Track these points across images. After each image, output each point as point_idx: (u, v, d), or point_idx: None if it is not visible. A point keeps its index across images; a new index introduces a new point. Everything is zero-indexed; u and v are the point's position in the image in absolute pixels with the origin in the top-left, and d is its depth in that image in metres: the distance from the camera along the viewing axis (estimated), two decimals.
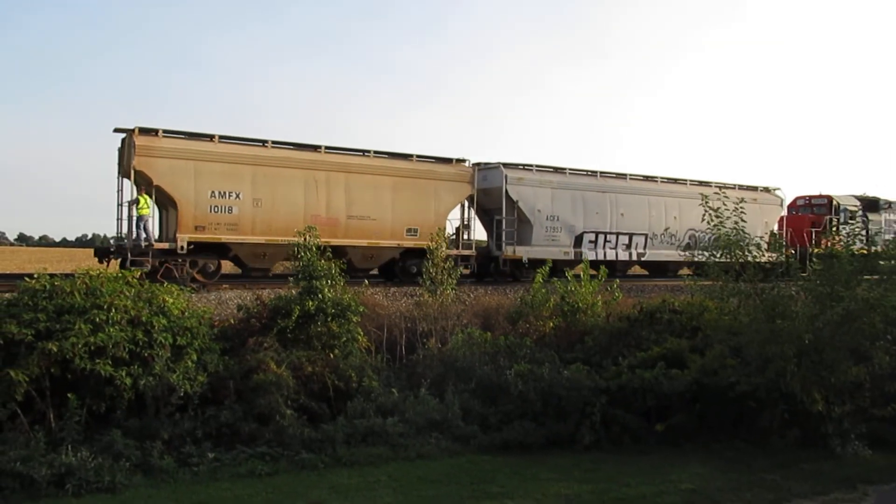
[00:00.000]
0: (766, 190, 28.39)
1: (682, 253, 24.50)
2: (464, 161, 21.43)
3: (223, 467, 10.33)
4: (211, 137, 17.77)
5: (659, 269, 26.32)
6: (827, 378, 11.86)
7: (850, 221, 28.60)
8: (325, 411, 11.86)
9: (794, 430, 12.31)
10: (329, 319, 12.84)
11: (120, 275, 11.69)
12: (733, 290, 12.96)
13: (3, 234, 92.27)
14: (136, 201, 16.89)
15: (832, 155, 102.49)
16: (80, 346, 10.17)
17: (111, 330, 10.49)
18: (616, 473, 10.79)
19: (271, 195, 18.21)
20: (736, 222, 13.12)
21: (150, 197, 17.17)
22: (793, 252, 26.82)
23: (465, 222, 21.92)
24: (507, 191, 21.67)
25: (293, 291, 13.43)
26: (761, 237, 27.80)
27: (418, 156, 20.74)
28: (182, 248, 17.02)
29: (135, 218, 16.89)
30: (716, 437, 12.39)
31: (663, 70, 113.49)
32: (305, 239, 13.76)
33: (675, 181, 26.08)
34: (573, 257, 22.80)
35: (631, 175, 25.00)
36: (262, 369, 11.58)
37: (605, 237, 23.72)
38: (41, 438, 9.86)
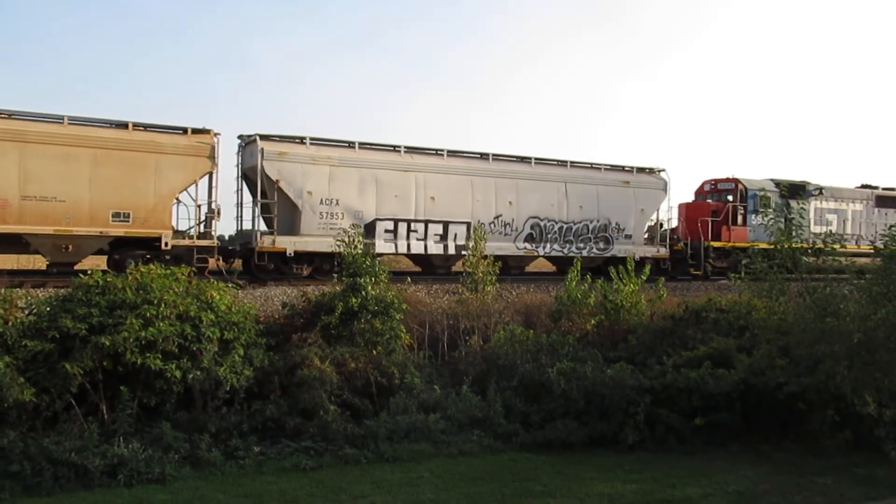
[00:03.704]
0: (650, 171, 24.13)
1: (522, 246, 21.04)
2: (206, 131, 17.46)
3: (268, 461, 10.50)
4: None
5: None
6: (880, 380, 11.52)
7: (763, 209, 24.48)
8: (367, 407, 11.96)
9: (845, 433, 11.97)
10: (372, 316, 12.96)
11: (169, 271, 11.97)
12: (782, 289, 12.66)
13: None
14: None
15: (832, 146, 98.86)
16: (131, 340, 10.42)
17: (161, 324, 10.72)
18: (661, 474, 10.65)
19: None
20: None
21: None
22: (683, 246, 23.98)
23: (216, 207, 18.02)
24: (263, 168, 18.02)
25: (337, 288, 13.59)
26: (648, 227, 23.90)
27: (137, 123, 16.97)
28: None
29: None
30: (764, 438, 12.14)
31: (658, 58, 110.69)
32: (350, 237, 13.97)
33: (518, 159, 22.02)
34: (362, 250, 19.59)
35: (450, 151, 20.80)
36: (307, 365, 11.74)
37: (410, 226, 19.58)
38: (94, 430, 10.13)
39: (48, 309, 10.99)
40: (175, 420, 10.76)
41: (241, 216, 19.39)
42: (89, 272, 11.64)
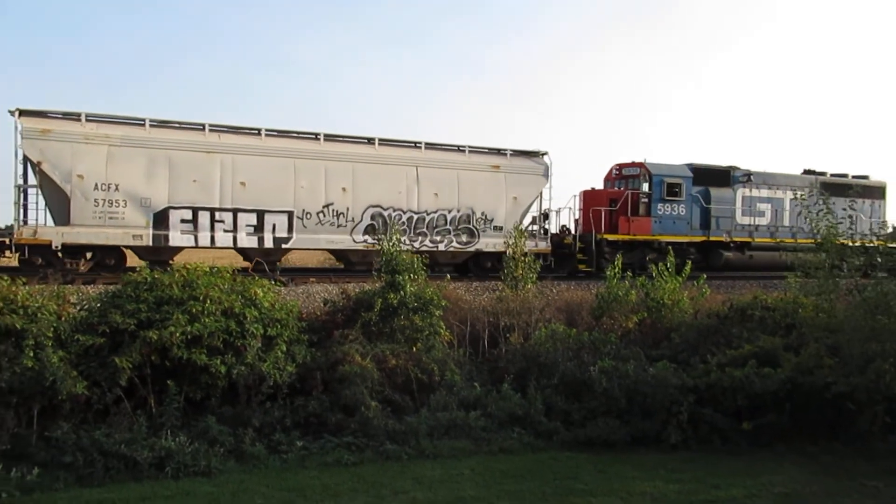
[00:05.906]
0: (529, 154, 21.40)
1: (361, 239, 18.57)
2: None
3: (311, 456, 10.64)
4: None
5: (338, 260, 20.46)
6: None
7: (671, 198, 22.43)
8: (408, 404, 12.03)
9: None
10: (411, 313, 13.03)
11: (215, 269, 12.20)
12: (832, 286, 12.35)
13: None
14: None
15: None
16: (177, 335, 10.65)
17: (206, 320, 10.93)
18: (705, 474, 10.50)
19: None
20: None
21: None
22: (571, 240, 21.59)
23: None
24: (22, 147, 16.01)
25: (377, 285, 13.69)
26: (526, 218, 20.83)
27: None
28: None
29: None
30: (811, 439, 11.87)
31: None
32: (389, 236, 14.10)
33: (360, 140, 19.52)
34: (152, 242, 16.78)
35: (269, 130, 18.36)
36: (348, 361, 11.85)
37: (213, 215, 17.31)
38: (143, 423, 10.38)
39: (98, 304, 11.30)
40: (220, 414, 10.98)
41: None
42: (138, 269, 11.93)
